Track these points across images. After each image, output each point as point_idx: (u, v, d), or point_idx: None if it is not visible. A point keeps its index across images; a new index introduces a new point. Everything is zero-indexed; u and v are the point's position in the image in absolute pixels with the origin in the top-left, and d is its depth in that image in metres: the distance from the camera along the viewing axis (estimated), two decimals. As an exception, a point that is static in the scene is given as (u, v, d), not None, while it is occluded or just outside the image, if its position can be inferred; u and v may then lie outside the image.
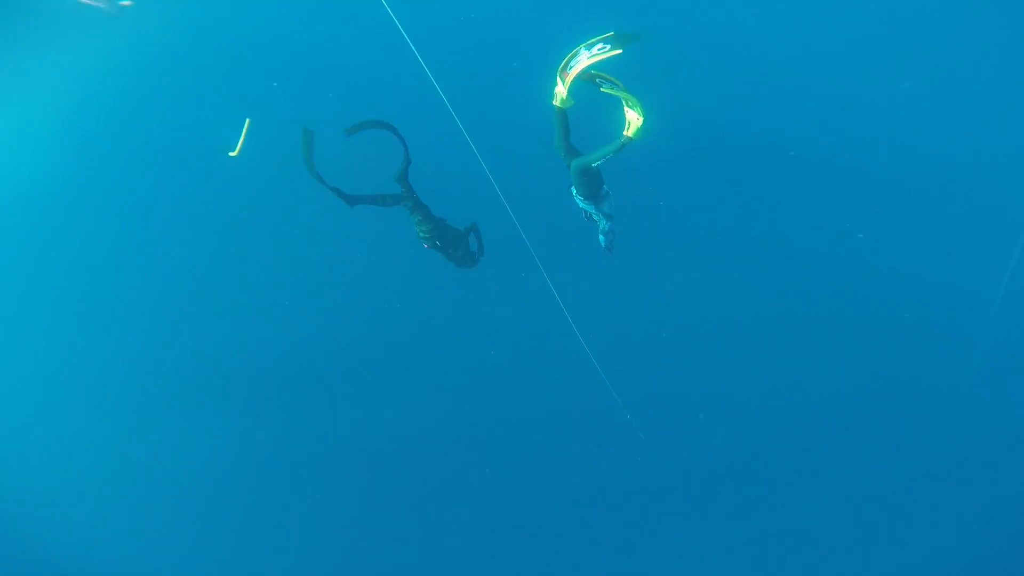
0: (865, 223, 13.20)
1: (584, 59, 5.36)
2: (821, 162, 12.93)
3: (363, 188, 6.05)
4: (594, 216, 6.50)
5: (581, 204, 6.46)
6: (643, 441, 12.47)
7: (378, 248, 12.54)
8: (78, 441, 13.14)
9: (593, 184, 6.15)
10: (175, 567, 13.31)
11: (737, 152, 13.02)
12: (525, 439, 14.05)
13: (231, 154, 5.41)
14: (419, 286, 12.88)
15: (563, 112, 5.93)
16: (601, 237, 6.64)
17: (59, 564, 12.90)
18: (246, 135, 5.32)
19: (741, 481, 14.26)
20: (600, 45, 5.30)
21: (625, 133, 5.46)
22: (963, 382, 13.77)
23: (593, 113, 6.17)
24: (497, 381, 13.84)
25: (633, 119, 5.43)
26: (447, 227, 6.50)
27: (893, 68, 12.39)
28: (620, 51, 5.19)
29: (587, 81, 5.59)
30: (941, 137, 12.61)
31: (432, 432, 13.74)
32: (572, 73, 5.47)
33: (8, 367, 12.87)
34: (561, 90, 5.67)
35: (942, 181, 12.92)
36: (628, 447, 13.34)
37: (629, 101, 5.35)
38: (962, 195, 13.00)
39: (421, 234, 6.39)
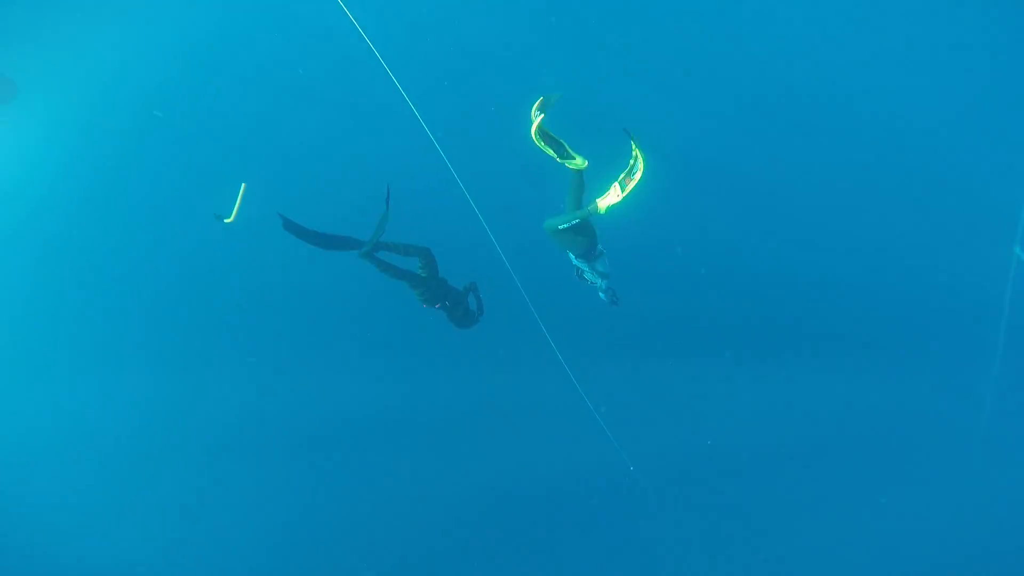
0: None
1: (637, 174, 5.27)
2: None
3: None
4: (587, 275, 6.28)
5: (574, 262, 6.24)
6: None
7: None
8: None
9: (586, 243, 5.92)
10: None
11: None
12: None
13: (226, 220, 5.13)
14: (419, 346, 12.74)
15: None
16: (600, 295, 6.45)
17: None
18: (242, 199, 5.07)
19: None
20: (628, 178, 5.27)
21: (598, 202, 5.34)
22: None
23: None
24: (499, 446, 13.52)
25: (613, 192, 5.29)
26: (446, 286, 6.20)
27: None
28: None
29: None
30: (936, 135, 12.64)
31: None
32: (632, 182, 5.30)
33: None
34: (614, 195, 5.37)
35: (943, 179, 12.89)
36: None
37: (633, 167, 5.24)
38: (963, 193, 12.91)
39: (419, 297, 6.08)
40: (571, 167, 5.59)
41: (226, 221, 5.15)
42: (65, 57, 11.13)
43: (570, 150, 5.51)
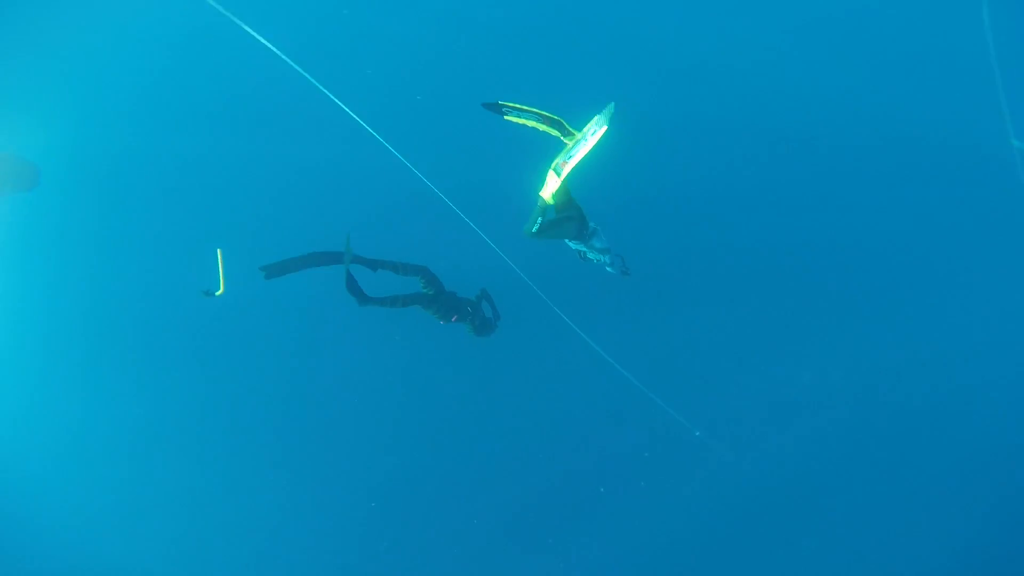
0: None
1: (581, 151, 5.22)
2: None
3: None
4: (588, 255, 6.26)
5: (573, 246, 6.22)
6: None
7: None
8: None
9: (575, 227, 5.86)
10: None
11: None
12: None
13: (217, 294, 5.18)
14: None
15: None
16: (608, 269, 6.42)
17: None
18: (223, 266, 5.09)
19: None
20: (593, 128, 5.20)
21: (541, 195, 5.35)
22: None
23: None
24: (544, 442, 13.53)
25: (551, 179, 5.31)
26: (457, 299, 6.29)
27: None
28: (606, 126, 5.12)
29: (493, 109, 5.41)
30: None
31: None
32: (570, 165, 5.27)
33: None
34: (554, 184, 5.36)
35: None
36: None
37: (548, 127, 5.25)
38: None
39: (433, 315, 6.18)
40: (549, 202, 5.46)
41: (217, 294, 5.16)
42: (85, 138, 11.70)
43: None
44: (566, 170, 5.26)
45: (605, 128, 5.17)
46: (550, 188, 5.33)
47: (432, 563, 13.33)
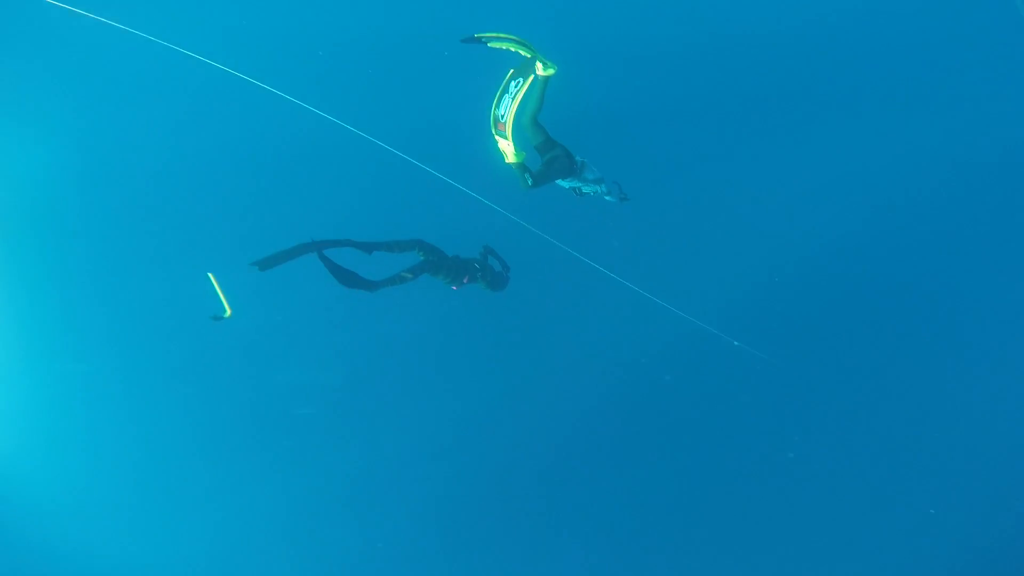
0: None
1: (512, 103, 5.11)
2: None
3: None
4: (583, 189, 6.18)
5: (565, 185, 6.14)
6: None
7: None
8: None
9: (565, 164, 5.74)
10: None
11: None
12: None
13: (226, 316, 5.05)
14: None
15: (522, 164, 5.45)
16: (607, 198, 6.35)
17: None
18: (220, 287, 4.94)
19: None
20: (514, 81, 5.12)
21: (508, 162, 5.29)
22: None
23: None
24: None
25: (502, 143, 5.23)
26: (462, 261, 6.19)
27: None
28: (550, 69, 5.03)
29: (471, 42, 5.18)
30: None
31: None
32: (508, 122, 5.15)
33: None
34: (506, 145, 5.28)
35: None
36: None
37: (519, 47, 5.06)
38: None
39: (443, 281, 6.11)
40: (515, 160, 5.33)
41: (227, 316, 5.05)
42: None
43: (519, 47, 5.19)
44: (508, 127, 5.16)
45: (533, 77, 5.08)
46: (508, 150, 5.27)
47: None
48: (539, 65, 5.07)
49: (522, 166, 5.34)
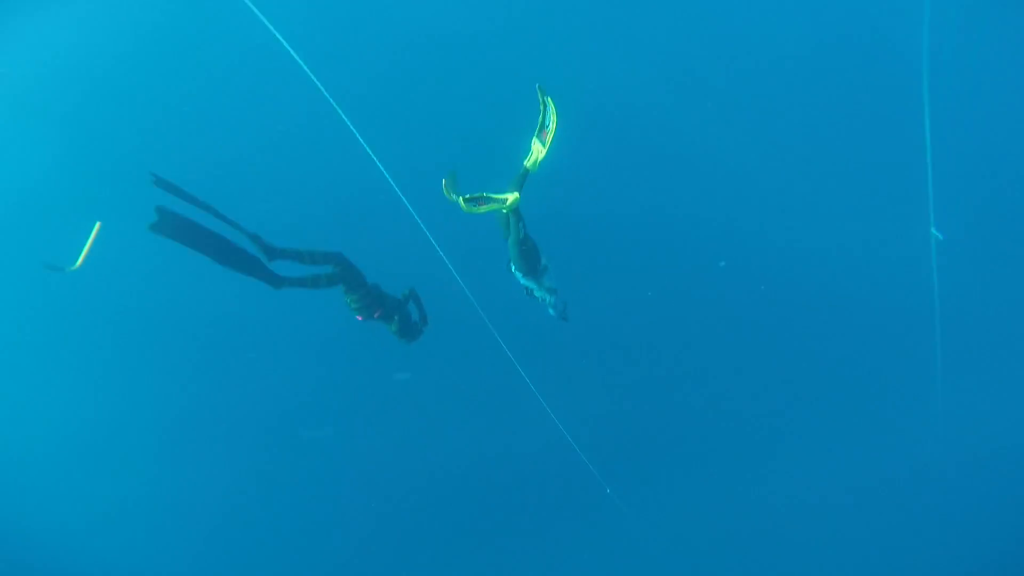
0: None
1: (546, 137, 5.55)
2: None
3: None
4: (536, 292, 6.27)
5: (522, 281, 6.21)
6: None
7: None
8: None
9: (531, 258, 5.95)
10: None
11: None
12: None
13: (70, 269, 4.41)
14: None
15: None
16: (550, 310, 6.42)
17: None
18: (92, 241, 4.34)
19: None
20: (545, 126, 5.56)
21: (526, 164, 5.57)
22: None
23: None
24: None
25: (535, 149, 5.56)
26: (382, 295, 5.73)
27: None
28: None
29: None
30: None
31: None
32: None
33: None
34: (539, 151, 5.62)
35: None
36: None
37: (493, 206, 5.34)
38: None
39: (352, 304, 5.60)
40: (508, 209, 5.50)
41: (70, 269, 4.41)
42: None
43: (495, 195, 5.43)
44: (548, 138, 5.57)
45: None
46: (535, 157, 5.61)
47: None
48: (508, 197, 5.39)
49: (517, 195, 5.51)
